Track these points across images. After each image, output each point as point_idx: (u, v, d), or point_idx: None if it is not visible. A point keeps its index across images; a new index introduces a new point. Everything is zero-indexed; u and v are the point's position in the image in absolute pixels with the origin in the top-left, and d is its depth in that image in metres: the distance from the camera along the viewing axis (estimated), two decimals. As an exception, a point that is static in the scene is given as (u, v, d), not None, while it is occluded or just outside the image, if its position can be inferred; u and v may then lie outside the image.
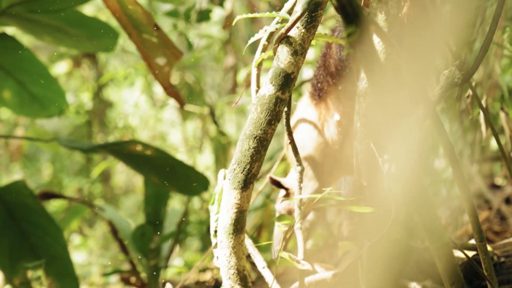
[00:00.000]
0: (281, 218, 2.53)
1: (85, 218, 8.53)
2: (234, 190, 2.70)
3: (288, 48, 2.64)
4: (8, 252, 4.57)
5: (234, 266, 2.76)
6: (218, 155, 5.96)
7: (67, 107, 5.03)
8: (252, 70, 3.03)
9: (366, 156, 2.73)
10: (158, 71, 4.17)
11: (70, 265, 4.63)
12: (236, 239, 2.74)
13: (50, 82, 4.72)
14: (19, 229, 4.55)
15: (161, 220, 5.21)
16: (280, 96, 2.63)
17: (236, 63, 7.05)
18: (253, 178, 2.70)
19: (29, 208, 4.56)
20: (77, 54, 7.99)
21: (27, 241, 4.57)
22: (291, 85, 2.66)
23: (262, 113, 2.64)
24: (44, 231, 4.57)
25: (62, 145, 4.72)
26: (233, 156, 2.72)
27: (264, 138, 2.65)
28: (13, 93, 4.70)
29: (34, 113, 4.91)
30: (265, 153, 2.69)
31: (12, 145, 7.55)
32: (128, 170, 9.73)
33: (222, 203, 2.76)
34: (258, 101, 2.67)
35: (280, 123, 2.80)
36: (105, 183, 8.88)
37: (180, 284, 4.33)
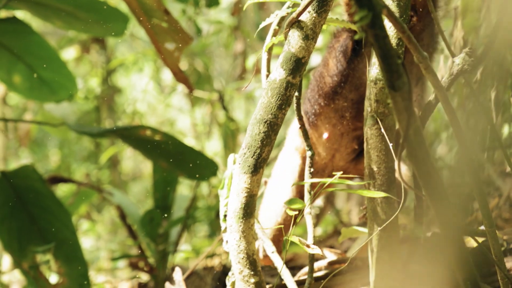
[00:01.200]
0: (291, 202, 2.53)
1: (93, 204, 8.55)
2: (244, 174, 2.70)
3: (299, 33, 2.63)
4: (17, 236, 4.58)
5: (244, 251, 2.77)
6: (227, 140, 5.96)
7: (77, 92, 5.04)
8: (263, 55, 3.03)
9: (376, 141, 2.73)
10: (168, 56, 4.17)
11: (79, 249, 4.64)
12: (246, 223, 2.75)
13: (59, 66, 4.72)
14: (28, 213, 4.56)
15: (170, 205, 5.22)
16: (291, 80, 2.63)
17: (245, 49, 7.04)
18: (263, 162, 2.70)
19: (38, 192, 4.57)
20: (86, 39, 7.99)
21: (36, 225, 4.58)
22: (302, 69, 2.66)
23: (273, 98, 2.64)
24: (53, 216, 4.58)
25: (72, 129, 4.72)
26: (244, 141, 2.72)
27: (274, 123, 2.65)
28: (23, 78, 4.70)
29: (43, 98, 4.91)
30: (275, 137, 2.69)
31: (21, 130, 7.56)
32: (135, 156, 9.75)
33: (232, 187, 2.77)
34: (269, 85, 2.67)
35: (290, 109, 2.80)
36: (113, 168, 8.89)
37: (190, 269, 4.35)
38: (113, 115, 8.63)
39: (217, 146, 7.85)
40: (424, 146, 1.93)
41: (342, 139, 3.39)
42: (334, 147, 3.41)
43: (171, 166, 4.66)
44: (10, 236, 4.58)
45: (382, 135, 2.70)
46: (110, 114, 8.60)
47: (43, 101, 5.62)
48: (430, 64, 2.41)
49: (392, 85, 1.86)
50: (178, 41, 4.12)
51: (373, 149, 2.74)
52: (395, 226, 2.80)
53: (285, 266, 2.99)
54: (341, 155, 3.47)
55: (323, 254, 2.64)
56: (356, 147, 3.40)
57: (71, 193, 6.37)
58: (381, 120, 2.71)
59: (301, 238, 2.60)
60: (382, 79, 2.67)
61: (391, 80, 1.86)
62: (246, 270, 2.79)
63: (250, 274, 2.79)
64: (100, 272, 6.92)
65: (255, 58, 6.00)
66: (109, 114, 8.59)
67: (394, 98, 1.88)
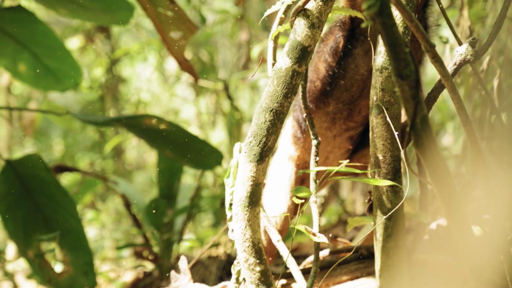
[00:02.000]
0: (298, 190, 2.53)
1: (97, 193, 8.56)
2: (250, 163, 2.70)
3: (305, 21, 2.64)
4: (22, 224, 4.59)
5: (249, 239, 2.77)
6: (232, 130, 5.96)
7: (82, 81, 5.04)
8: (269, 43, 3.03)
9: (382, 130, 2.73)
10: (173, 45, 4.16)
11: (84, 238, 4.65)
12: (252, 212, 2.75)
13: (65, 55, 4.72)
14: (33, 202, 4.57)
15: (175, 195, 5.22)
16: (297, 69, 2.63)
17: (249, 38, 7.04)
18: (269, 151, 2.70)
19: (43, 181, 4.58)
20: (90, 29, 7.98)
21: (41, 214, 4.58)
22: (308, 58, 2.66)
23: (279, 86, 2.64)
24: (58, 204, 4.59)
25: (77, 118, 4.73)
26: (249, 129, 2.72)
27: (280, 111, 2.66)
28: (28, 66, 4.70)
29: (49, 87, 4.91)
30: (281, 126, 2.69)
31: (26, 119, 7.57)
32: (139, 146, 9.75)
33: (238, 176, 2.77)
34: (275, 74, 2.67)
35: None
36: (118, 158, 8.90)
37: (195, 258, 4.35)
38: (117, 105, 8.63)
39: (221, 136, 7.86)
40: (431, 135, 1.93)
41: (335, 141, 3.38)
42: (327, 149, 3.40)
43: (176, 155, 4.66)
44: (15, 224, 4.59)
45: (387, 124, 2.70)
46: (114, 103, 8.61)
47: (48, 90, 5.61)
48: (437, 53, 2.41)
49: (400, 73, 1.86)
50: (183, 30, 4.12)
51: (378, 138, 2.74)
52: (401, 215, 2.80)
53: (290, 255, 3.00)
54: (335, 155, 3.47)
55: (329, 243, 2.64)
56: (350, 147, 3.40)
57: (76, 182, 6.38)
58: (386, 109, 2.70)
59: (307, 227, 2.60)
60: (388, 67, 2.66)
61: (399, 68, 1.86)
62: (251, 258, 2.79)
63: (255, 262, 2.79)
64: (105, 262, 6.94)
65: (260, 47, 6.00)
66: (113, 104, 8.59)
67: (401, 87, 1.88)
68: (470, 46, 2.66)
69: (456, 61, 2.68)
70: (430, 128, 1.93)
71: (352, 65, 3.15)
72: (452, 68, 2.67)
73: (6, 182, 4.56)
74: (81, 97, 9.35)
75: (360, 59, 3.14)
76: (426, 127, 1.92)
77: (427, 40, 2.35)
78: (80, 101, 9.47)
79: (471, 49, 2.65)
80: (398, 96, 2.69)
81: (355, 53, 3.12)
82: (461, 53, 2.67)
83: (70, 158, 9.29)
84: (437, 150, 1.95)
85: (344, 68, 3.15)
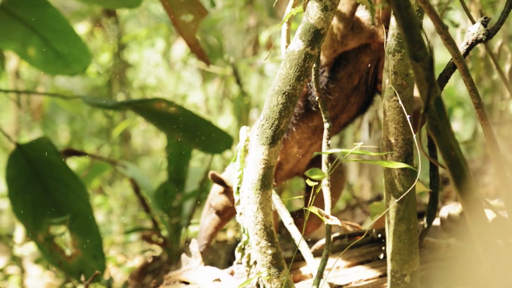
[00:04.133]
0: (312, 173, 2.53)
1: (105, 178, 8.58)
2: (262, 145, 2.70)
3: (318, 4, 2.63)
4: (32, 208, 4.60)
5: (261, 222, 2.78)
6: (240, 115, 5.96)
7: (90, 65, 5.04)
8: (282, 26, 3.03)
9: (394, 113, 2.73)
10: (184, 29, 4.16)
11: (93, 222, 4.66)
12: (264, 194, 2.75)
13: (74, 39, 4.72)
14: (42, 185, 4.58)
15: (183, 179, 5.22)
16: (310, 52, 2.63)
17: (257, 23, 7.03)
18: (281, 134, 2.70)
19: (53, 165, 4.59)
20: (98, 13, 7.98)
21: (51, 198, 4.60)
22: (321, 41, 2.65)
23: (291, 69, 2.64)
24: (67, 188, 4.60)
25: (86, 102, 4.72)
26: (262, 112, 2.72)
27: (292, 94, 2.65)
28: (38, 50, 4.70)
29: (58, 71, 4.91)
30: (293, 109, 2.69)
31: (34, 104, 7.57)
32: (144, 133, 9.77)
33: (250, 158, 2.77)
34: (287, 57, 2.66)
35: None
36: (125, 143, 8.91)
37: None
38: (125, 89, 8.64)
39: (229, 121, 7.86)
40: (445, 117, 1.93)
41: (310, 148, 3.51)
42: (301, 154, 3.49)
43: (186, 139, 4.66)
44: (25, 208, 4.60)
45: (400, 107, 2.70)
46: (122, 89, 8.61)
47: (57, 74, 5.60)
48: (450, 35, 2.40)
49: (414, 55, 1.86)
50: (194, 13, 4.12)
51: (391, 121, 2.74)
52: (413, 198, 2.80)
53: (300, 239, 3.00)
54: (305, 159, 3.60)
55: (342, 226, 2.64)
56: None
57: (84, 167, 6.39)
58: (399, 92, 2.70)
59: (321, 210, 2.61)
60: (401, 50, 2.66)
61: (413, 50, 1.86)
62: (263, 241, 2.80)
63: (267, 245, 2.80)
64: (113, 246, 6.96)
65: (268, 33, 6.00)
66: (121, 89, 8.59)
67: (416, 69, 1.88)
68: (482, 25, 2.65)
69: (468, 40, 2.68)
70: (444, 110, 1.93)
71: (337, 88, 3.21)
72: (464, 48, 2.67)
73: (16, 166, 4.58)
74: (88, 83, 9.37)
75: (344, 81, 3.19)
76: (440, 109, 1.92)
77: (440, 22, 2.35)
78: (87, 86, 9.49)
79: (483, 28, 2.65)
80: (410, 79, 2.69)
81: (339, 77, 3.17)
82: (473, 32, 2.66)
83: (78, 144, 9.30)
84: (451, 132, 1.95)
85: (329, 92, 3.20)
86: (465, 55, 2.67)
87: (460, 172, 1.97)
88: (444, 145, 1.94)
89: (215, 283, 3.19)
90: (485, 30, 2.64)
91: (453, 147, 1.95)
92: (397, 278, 2.85)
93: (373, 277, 3.27)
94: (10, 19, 4.57)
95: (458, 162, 1.96)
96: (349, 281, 3.25)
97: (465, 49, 2.67)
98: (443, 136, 1.93)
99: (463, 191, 2.00)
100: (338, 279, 3.25)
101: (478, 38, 2.67)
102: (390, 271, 2.86)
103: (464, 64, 2.47)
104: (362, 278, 3.26)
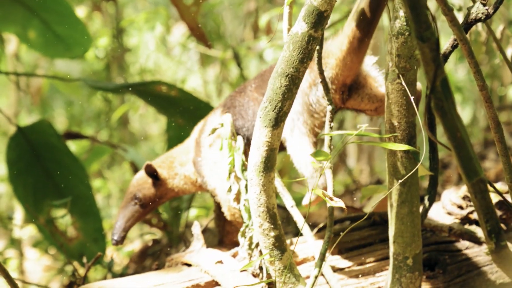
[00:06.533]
0: (317, 154, 2.53)
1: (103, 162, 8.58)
2: (265, 128, 2.70)
3: (322, -14, 2.62)
4: (33, 191, 4.60)
5: (264, 204, 2.78)
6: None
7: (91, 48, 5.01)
8: (284, 9, 3.03)
9: (397, 96, 2.73)
10: (185, 11, 4.15)
11: (94, 204, 4.66)
12: (267, 177, 2.75)
13: (75, 22, 4.70)
14: (43, 168, 4.58)
15: (183, 162, 5.21)
16: (313, 34, 2.62)
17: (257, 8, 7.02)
18: (284, 116, 2.70)
19: (54, 147, 4.58)
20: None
21: (51, 181, 4.59)
22: (324, 23, 2.65)
23: (295, 51, 2.64)
24: (68, 171, 4.60)
25: (87, 85, 4.72)
26: (265, 94, 2.72)
27: (296, 76, 2.65)
28: (38, 33, 4.68)
29: (58, 54, 4.89)
30: (296, 91, 2.69)
31: (33, 87, 7.56)
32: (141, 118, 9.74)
33: (253, 141, 2.77)
34: (291, 39, 2.66)
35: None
36: (123, 128, 8.90)
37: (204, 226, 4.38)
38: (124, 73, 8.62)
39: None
40: (451, 98, 1.93)
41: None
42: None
43: (187, 122, 4.65)
44: (25, 191, 4.60)
45: (403, 89, 2.70)
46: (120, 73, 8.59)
47: (58, 57, 5.59)
48: (455, 16, 2.40)
49: (421, 36, 1.86)
50: (195, -4, 4.12)
51: (394, 104, 2.74)
52: (415, 181, 2.80)
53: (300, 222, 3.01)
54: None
55: (345, 208, 2.64)
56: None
57: (84, 150, 6.39)
58: (402, 74, 2.70)
59: (325, 191, 2.61)
60: (404, 33, 2.66)
61: (420, 30, 1.86)
62: (266, 223, 2.80)
63: (270, 227, 2.80)
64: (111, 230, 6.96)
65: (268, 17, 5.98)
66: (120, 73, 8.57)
67: (422, 49, 1.88)
68: (481, 5, 2.66)
69: (467, 19, 2.69)
70: (450, 91, 1.94)
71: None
72: (464, 27, 2.67)
73: (17, 149, 4.57)
74: (87, 67, 9.34)
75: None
76: (446, 90, 1.92)
77: (446, 3, 2.35)
78: (86, 70, 9.46)
79: (482, 8, 2.65)
80: (413, 61, 2.69)
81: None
82: (472, 12, 2.67)
83: (76, 128, 9.28)
84: (456, 113, 1.95)
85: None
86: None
87: (466, 153, 1.98)
88: (450, 126, 1.95)
89: (217, 265, 3.20)
90: (484, 9, 2.65)
91: (459, 129, 1.96)
92: (399, 261, 2.85)
93: (375, 259, 3.28)
94: (11, 2, 4.56)
95: (464, 143, 1.96)
96: (351, 264, 3.26)
97: (465, 28, 2.68)
98: (449, 117, 1.94)
99: (468, 172, 2.01)
100: (340, 261, 3.26)
101: (477, 17, 2.67)
102: (393, 254, 2.87)
103: (469, 46, 2.47)
104: (364, 261, 3.27)
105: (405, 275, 2.85)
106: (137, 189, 3.58)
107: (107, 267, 4.31)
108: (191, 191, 3.66)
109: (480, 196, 2.06)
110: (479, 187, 2.05)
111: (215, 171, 3.41)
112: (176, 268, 3.32)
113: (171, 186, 3.56)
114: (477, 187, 2.04)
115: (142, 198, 3.55)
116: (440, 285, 3.25)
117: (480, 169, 2.03)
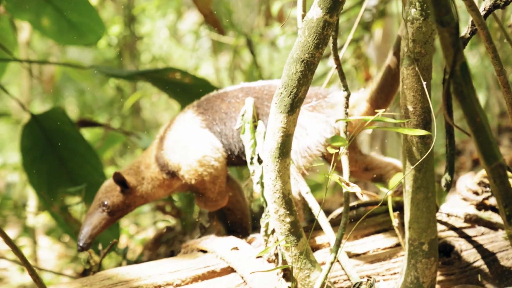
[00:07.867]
0: (334, 139, 2.53)
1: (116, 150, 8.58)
2: (281, 114, 2.70)
3: (337, -29, 2.61)
4: (47, 178, 4.61)
5: (280, 190, 2.78)
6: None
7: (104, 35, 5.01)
8: (300, -6, 3.02)
9: (412, 81, 2.72)
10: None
11: (108, 192, 4.66)
12: (282, 162, 2.75)
13: (88, 9, 4.69)
14: (57, 155, 4.59)
15: (197, 150, 5.21)
16: (328, 19, 2.61)
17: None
18: (300, 102, 2.69)
19: (68, 135, 4.59)
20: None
21: (65, 168, 4.60)
22: (339, 8, 2.64)
23: (310, 37, 2.63)
24: (82, 158, 4.60)
25: (101, 72, 4.72)
26: (280, 80, 2.71)
27: (311, 62, 2.64)
28: (52, 21, 4.67)
29: (72, 41, 4.88)
30: (312, 77, 2.68)
31: (45, 75, 7.57)
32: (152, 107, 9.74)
33: (268, 127, 2.76)
34: (306, 24, 2.65)
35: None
36: (136, 115, 8.90)
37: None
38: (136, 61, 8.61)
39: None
40: (470, 82, 1.92)
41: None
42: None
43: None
44: (40, 178, 4.61)
45: (418, 75, 2.69)
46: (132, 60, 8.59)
47: (71, 45, 5.59)
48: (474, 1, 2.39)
49: (440, 20, 1.85)
50: (209, -18, 4.11)
51: (408, 89, 2.73)
52: (431, 167, 2.80)
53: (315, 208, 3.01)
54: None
55: (362, 193, 2.64)
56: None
57: (97, 138, 6.39)
58: (417, 60, 2.69)
59: (341, 177, 2.61)
60: (420, 18, 2.65)
61: (439, 15, 1.85)
62: (281, 209, 2.80)
63: (285, 213, 2.80)
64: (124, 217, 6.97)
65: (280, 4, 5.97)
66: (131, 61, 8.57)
67: (441, 34, 1.87)
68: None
69: (485, 6, 2.67)
70: (470, 76, 1.93)
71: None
72: (482, 14, 2.66)
73: (31, 136, 4.58)
74: (99, 55, 9.34)
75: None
76: (466, 74, 1.91)
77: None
78: (98, 58, 9.46)
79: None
80: (429, 47, 2.68)
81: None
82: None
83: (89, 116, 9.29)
84: (476, 97, 1.94)
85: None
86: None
87: (485, 138, 1.97)
88: (470, 110, 1.94)
89: (233, 252, 3.20)
90: (503, -4, 2.64)
91: (478, 113, 1.95)
92: (415, 247, 2.85)
93: (390, 245, 3.28)
94: (25, -11, 4.56)
95: (483, 128, 1.96)
96: (367, 250, 3.26)
97: (483, 14, 2.66)
98: (468, 101, 1.93)
99: (488, 157, 2.00)
100: (356, 247, 3.27)
101: (496, 4, 2.66)
102: (408, 240, 2.87)
103: (487, 31, 2.46)
104: (379, 247, 3.27)
105: (420, 261, 2.85)
106: (105, 196, 3.55)
107: (122, 254, 4.31)
108: (160, 196, 3.63)
109: (499, 181, 2.05)
110: (498, 172, 2.04)
111: (175, 148, 3.44)
112: (192, 255, 3.33)
113: (139, 193, 3.53)
114: (496, 171, 2.03)
115: (110, 205, 3.52)
116: (456, 271, 3.25)
117: (499, 153, 2.02)
